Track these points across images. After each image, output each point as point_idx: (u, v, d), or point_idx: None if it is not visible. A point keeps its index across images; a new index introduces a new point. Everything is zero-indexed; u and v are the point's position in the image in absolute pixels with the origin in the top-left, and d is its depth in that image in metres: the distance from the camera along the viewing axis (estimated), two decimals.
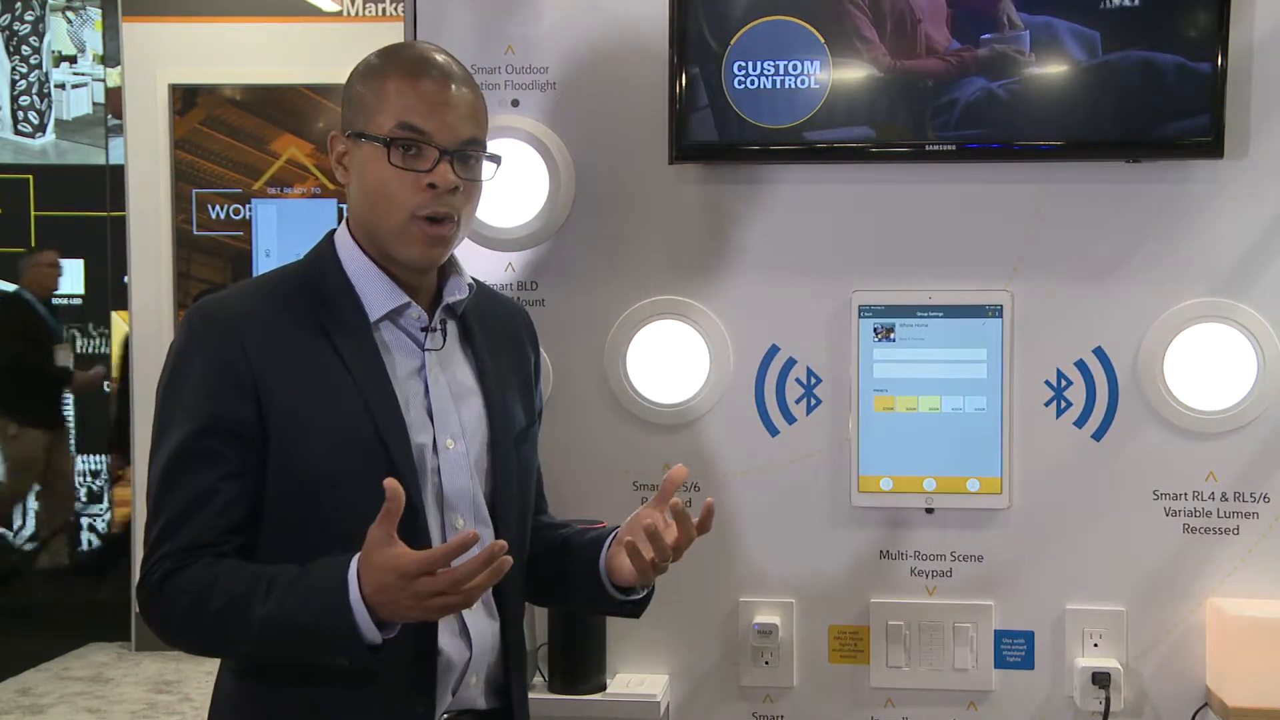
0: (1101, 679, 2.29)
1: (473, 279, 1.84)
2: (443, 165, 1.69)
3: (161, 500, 1.67)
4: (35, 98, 7.34)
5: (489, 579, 1.53)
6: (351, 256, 1.76)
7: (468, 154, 1.72)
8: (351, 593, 1.55)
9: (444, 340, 1.79)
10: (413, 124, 1.69)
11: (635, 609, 1.88)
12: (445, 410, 1.76)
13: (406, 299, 1.75)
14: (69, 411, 8.06)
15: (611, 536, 1.83)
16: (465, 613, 1.73)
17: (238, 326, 1.68)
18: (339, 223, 1.84)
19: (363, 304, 1.74)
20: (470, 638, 1.75)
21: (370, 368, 1.71)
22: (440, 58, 1.75)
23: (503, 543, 1.53)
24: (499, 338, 1.88)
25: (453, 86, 1.72)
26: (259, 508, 1.67)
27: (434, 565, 1.52)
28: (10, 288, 7.36)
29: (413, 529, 1.66)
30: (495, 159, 1.78)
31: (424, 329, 1.77)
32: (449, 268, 1.81)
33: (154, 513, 1.67)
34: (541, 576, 1.90)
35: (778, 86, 2.30)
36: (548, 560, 1.89)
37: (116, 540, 7.44)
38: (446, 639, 1.72)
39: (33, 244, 7.48)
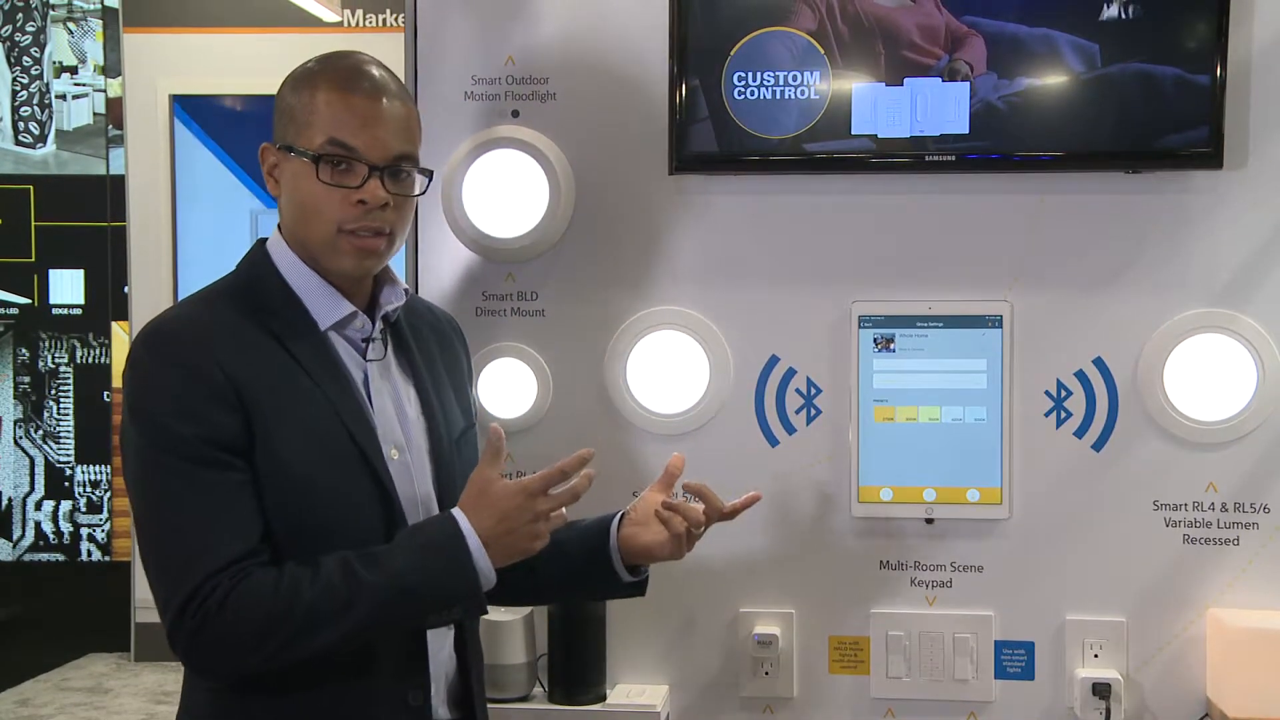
0: (1102, 690, 2.29)
1: (406, 287, 1.83)
2: (372, 182, 1.68)
3: (185, 520, 1.59)
4: (36, 108, 7.34)
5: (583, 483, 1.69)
6: (292, 267, 1.74)
7: (399, 169, 1.71)
8: (470, 538, 1.63)
9: (385, 350, 1.80)
10: (342, 140, 1.68)
11: (643, 588, 1.92)
12: (388, 420, 1.76)
13: (353, 309, 1.75)
14: (69, 421, 8.05)
15: (617, 520, 1.88)
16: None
17: (205, 342, 1.64)
18: None
19: (310, 313, 1.73)
20: (427, 649, 1.75)
21: (332, 375, 1.71)
22: (374, 70, 1.73)
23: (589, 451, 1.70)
24: (431, 342, 1.89)
25: (384, 101, 1.70)
26: None
27: (551, 482, 1.66)
28: (17, 299, 7.34)
29: (392, 532, 1.69)
30: (427, 173, 1.77)
31: (365, 339, 1.77)
32: (383, 276, 1.80)
33: (175, 535, 1.59)
34: (528, 575, 1.85)
35: (777, 97, 2.31)
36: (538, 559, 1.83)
37: (116, 550, 7.43)
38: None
39: (33, 254, 7.49)
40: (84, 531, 8.06)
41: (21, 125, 7.37)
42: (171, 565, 1.59)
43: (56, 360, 7.77)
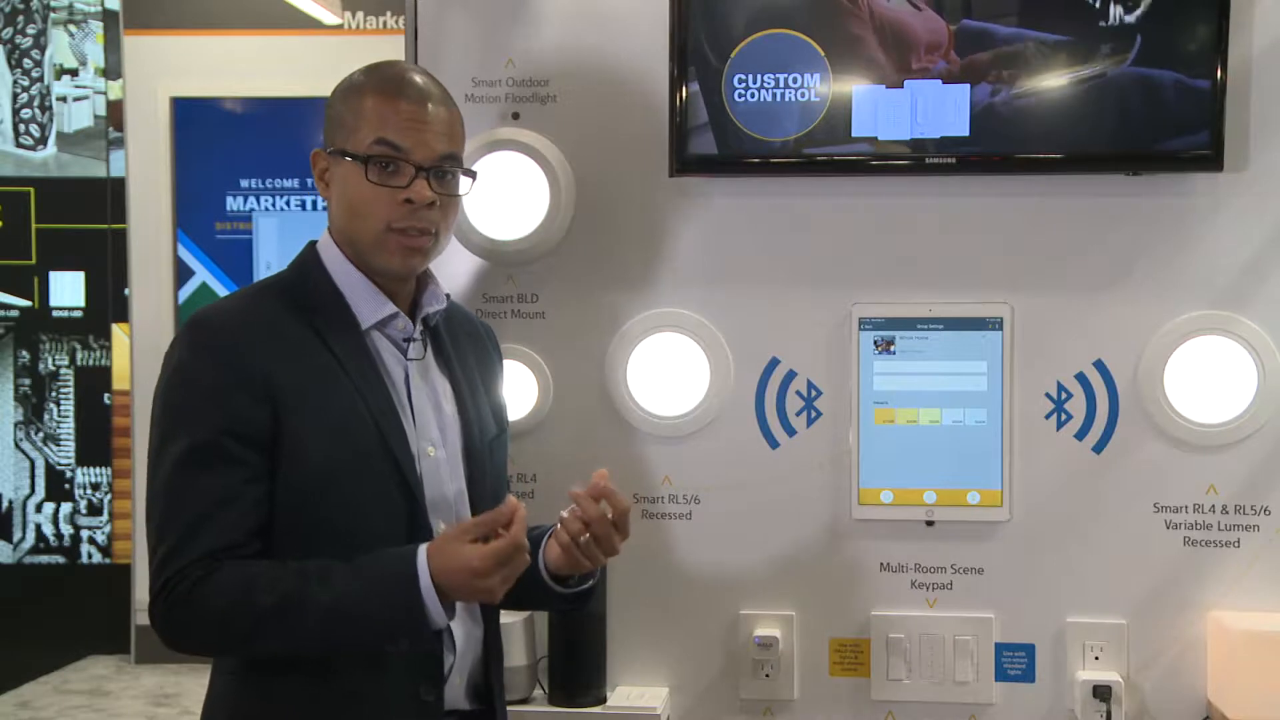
0: (1102, 692, 2.28)
1: (447, 292, 1.89)
2: (419, 181, 1.74)
3: (177, 507, 1.66)
4: (37, 110, 7.35)
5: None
6: (338, 266, 1.80)
7: (444, 170, 1.77)
8: (422, 579, 1.62)
9: (425, 350, 1.85)
10: (390, 140, 1.74)
11: (576, 601, 1.89)
12: (426, 418, 1.81)
13: (395, 309, 1.80)
14: (69, 423, 8.04)
15: (550, 532, 1.85)
16: None
17: (243, 334, 1.71)
18: None
19: (353, 311, 1.78)
20: (455, 639, 1.79)
21: (368, 373, 1.76)
22: (419, 77, 1.81)
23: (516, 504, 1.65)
24: (468, 349, 1.94)
25: (429, 105, 1.77)
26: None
27: (502, 557, 1.61)
28: (18, 301, 7.33)
29: (414, 531, 1.73)
30: (471, 174, 1.83)
31: (407, 339, 1.82)
32: (426, 279, 1.86)
33: (167, 521, 1.67)
34: None
35: (778, 100, 2.31)
36: None
37: (116, 552, 7.42)
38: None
39: (33, 256, 7.49)
40: (84, 534, 8.06)
41: (22, 127, 7.37)
42: (160, 548, 1.67)
43: (57, 363, 7.77)
